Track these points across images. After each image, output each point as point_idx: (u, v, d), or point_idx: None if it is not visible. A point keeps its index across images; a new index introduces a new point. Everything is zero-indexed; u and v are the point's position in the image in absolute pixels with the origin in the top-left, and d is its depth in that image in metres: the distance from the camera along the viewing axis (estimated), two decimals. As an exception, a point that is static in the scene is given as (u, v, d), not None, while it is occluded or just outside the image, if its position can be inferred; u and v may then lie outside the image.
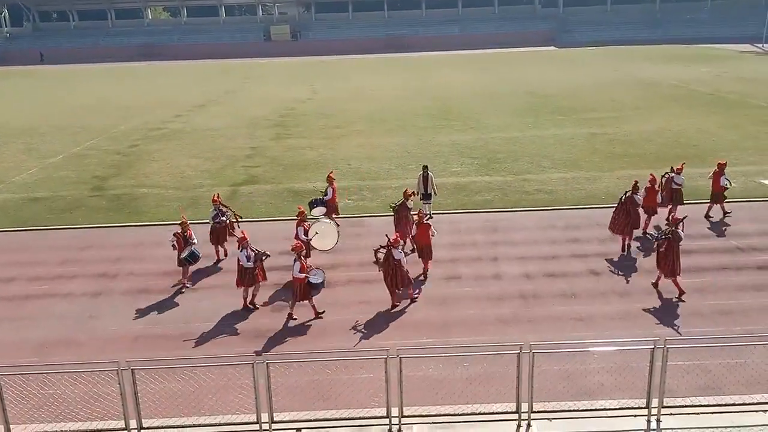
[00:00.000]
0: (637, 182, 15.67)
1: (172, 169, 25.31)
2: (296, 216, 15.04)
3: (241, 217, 16.30)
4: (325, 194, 16.65)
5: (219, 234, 15.64)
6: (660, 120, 31.61)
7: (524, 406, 9.41)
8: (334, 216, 16.58)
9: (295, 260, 12.57)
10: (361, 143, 28.77)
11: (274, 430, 9.40)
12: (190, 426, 9.54)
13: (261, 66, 69.60)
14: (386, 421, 9.44)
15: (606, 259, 15.15)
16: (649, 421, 9.40)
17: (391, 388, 9.21)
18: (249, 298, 13.37)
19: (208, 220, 15.91)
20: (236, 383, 9.95)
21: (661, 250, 12.83)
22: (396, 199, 20.14)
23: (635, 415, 9.50)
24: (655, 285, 13.47)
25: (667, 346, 9.18)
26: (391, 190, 21.16)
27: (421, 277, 14.42)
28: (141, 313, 13.39)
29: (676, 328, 11.93)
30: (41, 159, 27.63)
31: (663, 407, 9.44)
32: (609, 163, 23.94)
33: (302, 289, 12.59)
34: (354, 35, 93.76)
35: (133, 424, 9.29)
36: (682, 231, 12.83)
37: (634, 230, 15.49)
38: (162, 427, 9.50)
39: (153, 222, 19.13)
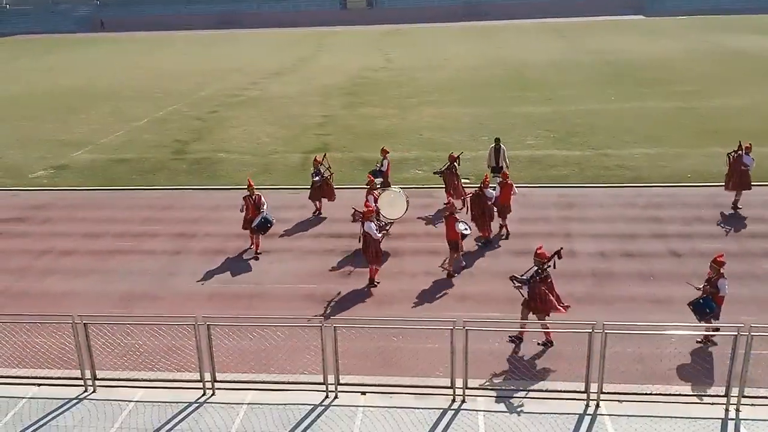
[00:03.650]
0: (743, 143, 15.57)
1: (248, 135, 25.95)
2: (366, 184, 15.10)
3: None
4: (381, 165, 16.82)
5: (317, 190, 16.41)
6: (755, 94, 29.40)
7: (593, 387, 9.17)
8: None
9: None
10: (434, 113, 28.43)
11: (339, 391, 9.62)
12: (260, 382, 9.90)
13: (336, 34, 69.69)
14: (450, 391, 9.45)
15: (689, 241, 14.40)
16: (727, 410, 8.96)
17: (456, 359, 9.19)
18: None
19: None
20: (304, 344, 10.21)
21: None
22: (467, 171, 19.91)
23: (712, 403, 9.08)
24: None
25: (752, 333, 8.67)
26: (462, 161, 20.78)
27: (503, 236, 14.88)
28: (216, 272, 13.93)
29: (763, 316, 11.23)
30: (127, 122, 28.96)
31: (743, 397, 8.98)
32: (697, 139, 22.58)
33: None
34: (430, 3, 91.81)
35: (207, 376, 9.73)
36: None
37: (744, 190, 15.70)
38: (234, 381, 9.92)
39: (230, 186, 19.74)
